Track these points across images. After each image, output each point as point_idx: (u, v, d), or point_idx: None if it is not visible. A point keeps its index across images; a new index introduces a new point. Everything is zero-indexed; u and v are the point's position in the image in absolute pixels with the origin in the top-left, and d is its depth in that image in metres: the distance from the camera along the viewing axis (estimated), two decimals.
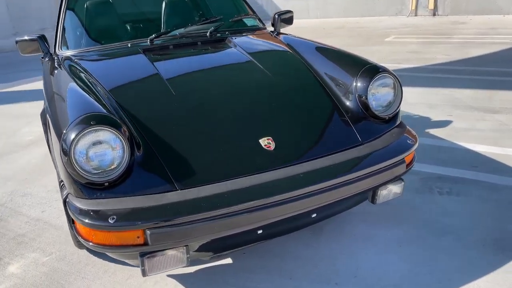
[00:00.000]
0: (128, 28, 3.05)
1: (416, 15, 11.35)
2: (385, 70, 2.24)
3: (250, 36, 3.07)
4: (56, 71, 2.53)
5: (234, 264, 2.19)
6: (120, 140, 1.71)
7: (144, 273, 1.67)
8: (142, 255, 1.65)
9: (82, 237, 1.70)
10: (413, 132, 2.25)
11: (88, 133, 1.65)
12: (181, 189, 1.72)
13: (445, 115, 4.11)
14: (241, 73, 2.42)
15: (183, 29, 2.95)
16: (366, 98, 2.17)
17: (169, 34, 2.89)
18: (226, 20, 3.19)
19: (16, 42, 2.98)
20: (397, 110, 2.25)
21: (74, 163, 1.64)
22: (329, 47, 2.71)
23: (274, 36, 3.07)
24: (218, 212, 1.66)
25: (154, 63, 2.45)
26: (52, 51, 2.95)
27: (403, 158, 2.05)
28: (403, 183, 2.13)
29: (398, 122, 2.26)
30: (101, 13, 3.06)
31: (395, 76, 2.25)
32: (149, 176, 1.75)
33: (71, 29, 2.97)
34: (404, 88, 4.45)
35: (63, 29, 2.95)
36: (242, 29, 3.21)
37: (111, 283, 2.10)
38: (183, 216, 1.63)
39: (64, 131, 1.68)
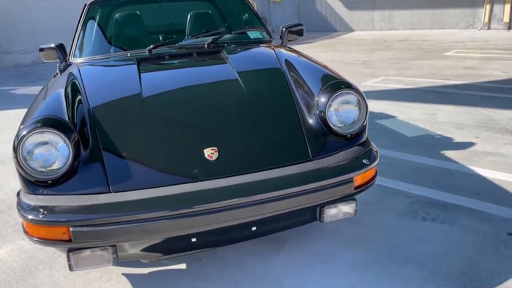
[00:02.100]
0: (134, 38, 3.25)
1: (489, 28, 10.60)
2: (349, 87, 2.18)
3: (248, 50, 3.12)
4: (56, 76, 2.78)
5: (186, 270, 2.25)
6: (65, 143, 1.86)
7: (70, 268, 1.79)
8: (69, 250, 1.78)
9: (24, 229, 1.87)
10: (375, 152, 2.16)
11: (34, 134, 1.83)
12: (114, 192, 1.83)
13: (471, 136, 3.83)
14: (218, 89, 2.45)
15: (184, 40, 3.10)
16: (325, 114, 2.14)
17: (168, 45, 3.04)
18: (229, 32, 3.28)
19: (40, 50, 3.32)
20: (360, 129, 2.18)
21: (21, 160, 1.82)
22: (315, 63, 2.66)
23: (273, 50, 3.06)
24: (143, 216, 1.75)
25: (141, 73, 2.59)
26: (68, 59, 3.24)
27: (351, 178, 1.99)
28: (354, 203, 2.06)
29: (361, 140, 2.19)
30: (110, 24, 3.30)
31: (360, 94, 2.18)
32: (89, 177, 1.88)
33: (84, 39, 3.23)
34: (438, 106, 4.29)
35: (78, 38, 3.23)
36: (244, 41, 3.26)
37: (72, 275, 2.26)
38: (108, 217, 1.73)
39: (18, 130, 1.87)
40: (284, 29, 3.50)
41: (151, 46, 2.98)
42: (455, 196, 2.80)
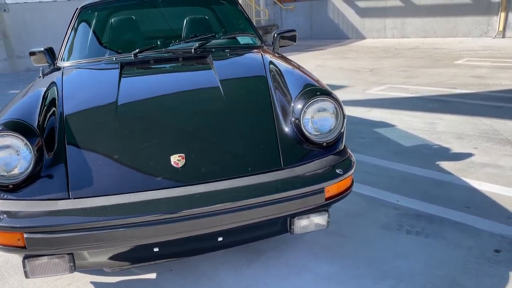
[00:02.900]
0: (123, 43, 3.23)
1: (503, 36, 10.35)
2: (325, 94, 2.10)
3: (235, 55, 3.06)
4: (39, 79, 2.77)
5: (155, 280, 2.19)
6: (27, 147, 1.83)
7: (26, 275, 1.75)
8: (25, 257, 1.73)
9: None
10: (352, 162, 2.08)
11: None
12: (73, 198, 1.79)
13: (470, 147, 3.69)
14: (196, 96, 2.38)
15: (171, 44, 3.07)
16: (300, 122, 2.06)
17: (154, 50, 3.01)
18: (218, 37, 3.23)
19: (30, 54, 3.32)
20: (336, 137, 2.10)
21: None
22: (300, 70, 2.58)
23: (261, 56, 2.99)
24: (100, 224, 1.70)
25: (122, 78, 2.55)
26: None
27: (322, 188, 1.90)
28: (327, 214, 1.98)
29: (337, 150, 2.10)
30: (100, 28, 3.29)
31: (337, 102, 2.10)
32: (50, 183, 1.84)
33: (73, 42, 3.23)
34: (440, 115, 4.16)
35: (67, 42, 3.23)
36: (233, 46, 3.22)
37: (41, 282, 2.22)
38: (63, 224, 1.69)
39: None
40: (275, 35, 3.44)
41: (137, 50, 2.95)
42: (444, 209, 2.68)
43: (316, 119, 2.09)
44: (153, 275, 2.23)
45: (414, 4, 11.59)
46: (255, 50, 3.14)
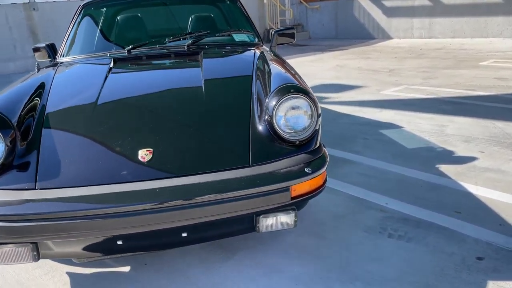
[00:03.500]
0: (121, 39, 3.29)
1: None
2: (299, 91, 2.06)
3: (226, 53, 3.06)
4: (32, 73, 2.85)
5: (127, 273, 2.21)
6: (0, 139, 1.89)
7: None
8: None
9: None
10: (324, 162, 2.03)
11: None
12: (39, 189, 1.83)
13: (476, 151, 3.55)
14: (176, 94, 2.41)
15: (166, 41, 3.09)
16: (272, 119, 2.04)
17: (148, 46, 3.05)
18: (213, 34, 3.24)
19: (34, 50, 3.43)
20: (309, 136, 2.06)
21: None
22: (286, 70, 2.55)
23: (253, 54, 2.96)
24: (62, 215, 1.73)
25: (110, 74, 2.61)
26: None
27: (288, 187, 1.87)
28: (294, 213, 1.94)
29: (311, 148, 2.06)
30: (100, 25, 3.36)
31: (311, 99, 2.07)
32: (19, 173, 1.89)
33: (74, 38, 3.31)
34: (452, 117, 4.04)
35: (68, 38, 3.31)
36: (227, 44, 3.21)
37: (20, 269, 2.28)
38: (26, 214, 1.73)
39: None
40: (273, 32, 3.41)
41: (130, 46, 2.99)
42: (433, 214, 2.58)
43: (289, 117, 2.06)
44: (127, 268, 2.25)
45: (443, 3, 11.25)
46: (248, 48, 3.13)
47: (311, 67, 8.43)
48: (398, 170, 3.26)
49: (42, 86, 2.46)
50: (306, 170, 1.94)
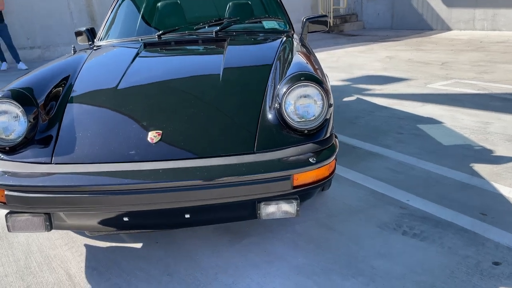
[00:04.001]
0: (156, 24, 3.37)
1: None
2: (310, 79, 2.03)
3: (253, 41, 3.06)
4: (70, 54, 3.00)
5: (138, 250, 2.30)
6: (23, 115, 2.02)
7: (8, 229, 1.94)
8: (8, 213, 1.92)
9: None
10: (334, 153, 1.99)
11: None
12: (55, 163, 1.94)
13: None
14: (193, 80, 2.46)
15: (195, 27, 3.14)
16: (282, 107, 2.02)
17: (178, 32, 3.11)
18: (243, 21, 3.24)
19: (77, 34, 3.60)
20: (319, 125, 2.02)
21: None
22: (308, 59, 2.50)
23: (280, 42, 2.92)
24: (72, 189, 1.83)
25: (138, 57, 2.70)
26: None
27: (289, 176, 1.85)
28: (295, 202, 1.92)
29: (320, 138, 2.02)
30: (138, 10, 3.46)
31: (322, 88, 2.02)
32: (39, 148, 2.02)
33: (111, 23, 3.44)
34: (499, 115, 4.07)
35: (106, 22, 3.45)
36: (256, 31, 3.21)
37: (43, 239, 2.44)
38: (40, 186, 1.84)
39: None
40: (304, 19, 3.36)
41: (160, 32, 3.07)
42: (456, 214, 2.46)
43: (298, 105, 2.03)
44: (139, 245, 2.34)
45: None
46: (277, 36, 3.10)
47: (359, 58, 8.21)
48: (427, 167, 3.12)
49: (73, 68, 2.59)
50: (310, 160, 1.91)
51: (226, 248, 2.26)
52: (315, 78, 2.06)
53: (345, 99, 5.30)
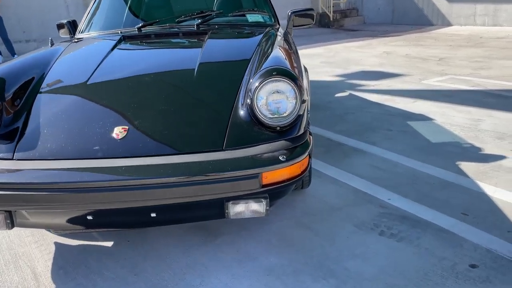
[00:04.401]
0: (135, 17, 3.30)
1: None
2: (282, 74, 1.96)
3: (234, 34, 2.99)
4: (46, 47, 2.93)
5: (109, 248, 2.25)
6: None
7: None
8: None
9: None
10: (307, 150, 1.92)
11: None
12: (17, 159, 1.88)
13: (507, 149, 3.24)
14: (166, 75, 2.39)
15: (177, 20, 3.07)
16: (253, 103, 1.96)
17: (159, 24, 3.04)
18: (226, 14, 3.17)
19: (59, 27, 3.54)
20: (291, 122, 1.95)
21: None
22: (286, 54, 2.42)
23: (262, 35, 2.84)
24: (33, 186, 1.77)
25: (114, 50, 2.64)
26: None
27: (257, 174, 1.79)
28: (265, 202, 1.86)
29: (292, 135, 1.96)
30: (117, 3, 3.39)
31: (295, 83, 1.95)
32: (1, 143, 1.96)
33: (91, 15, 3.37)
34: (491, 112, 4.17)
35: (87, 15, 3.38)
36: (239, 24, 3.13)
37: (14, 236, 2.39)
38: (1, 183, 1.78)
39: None
40: (289, 13, 3.28)
41: (140, 24, 3.00)
42: (437, 214, 2.39)
43: (270, 101, 1.96)
44: (110, 243, 2.28)
45: None
46: (260, 29, 3.02)
47: (356, 53, 8.11)
48: (413, 164, 3.05)
49: (47, 61, 2.53)
50: (280, 157, 1.84)
51: (198, 247, 2.21)
52: (288, 73, 1.99)
53: (338, 95, 5.22)
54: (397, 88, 5.32)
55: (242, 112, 2.01)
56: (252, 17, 3.20)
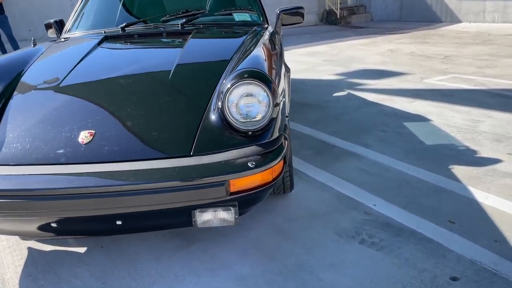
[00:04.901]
0: (120, 16, 3.24)
1: None
2: (254, 77, 1.87)
3: (218, 34, 2.91)
4: (28, 47, 2.89)
5: (81, 254, 2.19)
6: None
7: None
8: None
9: None
10: (278, 156, 1.84)
11: None
12: None
13: (504, 153, 3.12)
14: (141, 77, 2.32)
15: (161, 19, 3.01)
16: (224, 106, 1.88)
17: (143, 24, 2.98)
18: (213, 13, 3.10)
19: (47, 27, 3.50)
20: (263, 126, 1.87)
21: None
22: (266, 54, 2.34)
23: (246, 35, 2.76)
24: None
25: (93, 51, 2.58)
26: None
27: (224, 181, 1.71)
28: (233, 210, 1.78)
29: (264, 140, 1.87)
30: (103, 2, 3.33)
31: (268, 86, 1.87)
32: None
33: (78, 15, 3.32)
34: (491, 112, 4.09)
35: (73, 15, 3.33)
36: (225, 23, 3.06)
37: None
38: None
39: None
40: (278, 11, 3.19)
41: (124, 24, 2.94)
42: (421, 221, 2.29)
43: (242, 104, 1.88)
44: (83, 249, 2.23)
45: None
46: (247, 28, 2.94)
47: (360, 51, 7.97)
48: (403, 168, 2.95)
49: (26, 62, 2.48)
50: (249, 164, 1.76)
51: (170, 254, 2.14)
52: (261, 76, 1.91)
53: (336, 94, 5.12)
54: (397, 87, 5.20)
55: (213, 116, 1.94)
56: (239, 16, 3.12)
